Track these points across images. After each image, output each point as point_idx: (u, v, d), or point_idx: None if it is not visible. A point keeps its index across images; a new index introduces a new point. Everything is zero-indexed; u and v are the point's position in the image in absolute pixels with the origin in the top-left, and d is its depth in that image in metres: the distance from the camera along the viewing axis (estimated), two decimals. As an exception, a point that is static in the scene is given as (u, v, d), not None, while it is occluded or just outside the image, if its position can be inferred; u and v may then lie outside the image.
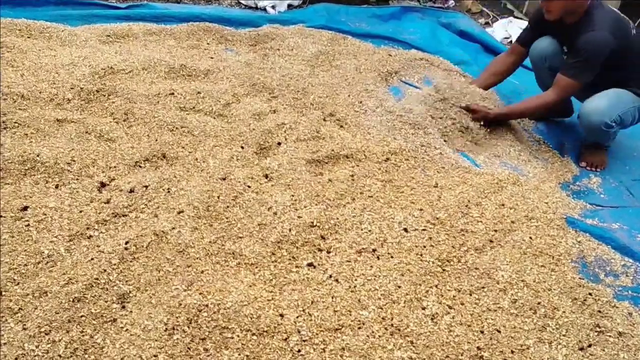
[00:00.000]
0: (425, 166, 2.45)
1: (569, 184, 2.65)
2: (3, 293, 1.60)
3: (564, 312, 1.85)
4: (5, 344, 1.47)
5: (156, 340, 1.51)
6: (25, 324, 1.52)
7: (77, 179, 2.05)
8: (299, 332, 1.62)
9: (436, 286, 1.87)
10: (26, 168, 2.05)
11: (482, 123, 2.83)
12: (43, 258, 1.72)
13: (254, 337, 1.58)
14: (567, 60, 2.67)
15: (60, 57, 2.81)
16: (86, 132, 2.30)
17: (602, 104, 2.62)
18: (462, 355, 1.65)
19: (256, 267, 1.82)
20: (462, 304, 1.82)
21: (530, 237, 2.13)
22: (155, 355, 1.48)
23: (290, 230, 1.95)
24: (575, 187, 2.63)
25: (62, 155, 2.12)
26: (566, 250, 2.13)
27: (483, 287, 1.89)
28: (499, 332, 1.75)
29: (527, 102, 2.87)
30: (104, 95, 2.56)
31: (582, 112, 2.69)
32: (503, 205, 2.26)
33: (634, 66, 2.67)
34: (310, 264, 1.86)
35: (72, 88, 2.55)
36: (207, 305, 1.62)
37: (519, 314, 1.83)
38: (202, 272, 1.75)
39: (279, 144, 2.41)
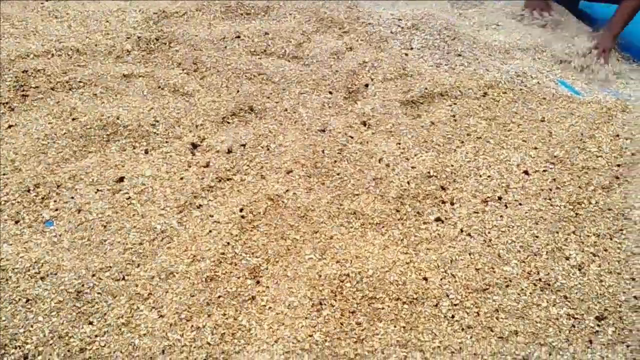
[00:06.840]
0: (526, 98, 2.25)
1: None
2: (125, 278, 1.46)
3: None
4: (145, 335, 1.35)
5: (306, 318, 1.39)
6: (160, 311, 1.39)
7: (166, 142, 1.87)
8: (447, 295, 1.50)
9: (574, 232, 1.73)
10: (108, 133, 1.87)
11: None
12: (157, 234, 1.57)
13: (406, 306, 1.45)
14: None
15: (105, 3, 2.55)
16: (159, 87, 2.10)
17: None
18: (620, 307, 1.53)
19: (383, 227, 1.68)
20: (605, 249, 1.69)
21: (655, 170, 1.98)
22: (310, 335, 1.36)
23: (408, 183, 1.79)
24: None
25: (143, 115, 1.93)
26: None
27: (621, 230, 1.75)
28: (650, 277, 1.63)
29: (623, 9, 2.64)
30: (165, 44, 2.33)
31: None
32: (618, 136, 2.09)
33: None
34: (437, 219, 1.71)
35: (128, 37, 2.32)
36: (348, 275, 1.49)
37: (664, 255, 1.71)
38: (332, 237, 1.61)
39: (367, 85, 2.20)
